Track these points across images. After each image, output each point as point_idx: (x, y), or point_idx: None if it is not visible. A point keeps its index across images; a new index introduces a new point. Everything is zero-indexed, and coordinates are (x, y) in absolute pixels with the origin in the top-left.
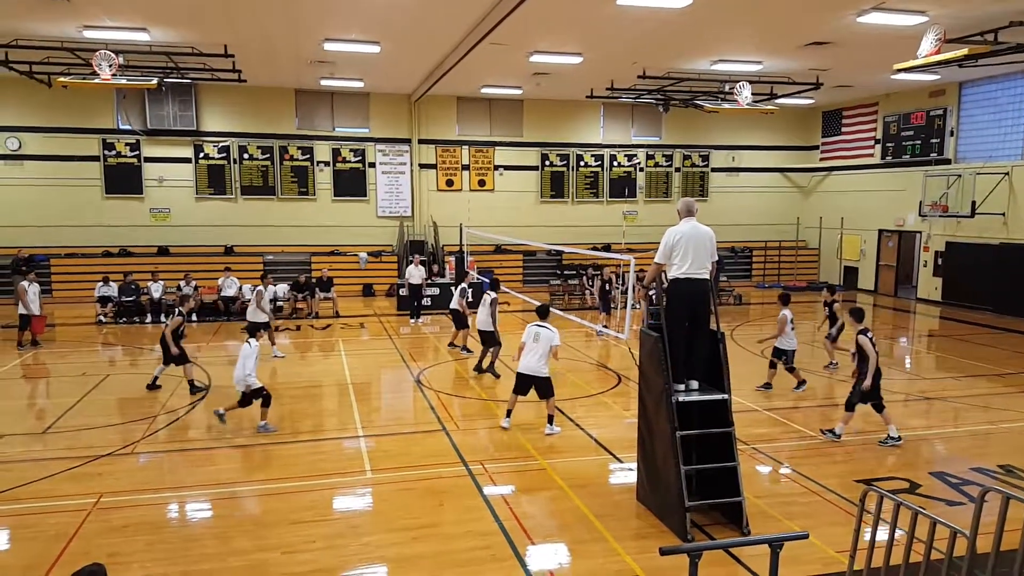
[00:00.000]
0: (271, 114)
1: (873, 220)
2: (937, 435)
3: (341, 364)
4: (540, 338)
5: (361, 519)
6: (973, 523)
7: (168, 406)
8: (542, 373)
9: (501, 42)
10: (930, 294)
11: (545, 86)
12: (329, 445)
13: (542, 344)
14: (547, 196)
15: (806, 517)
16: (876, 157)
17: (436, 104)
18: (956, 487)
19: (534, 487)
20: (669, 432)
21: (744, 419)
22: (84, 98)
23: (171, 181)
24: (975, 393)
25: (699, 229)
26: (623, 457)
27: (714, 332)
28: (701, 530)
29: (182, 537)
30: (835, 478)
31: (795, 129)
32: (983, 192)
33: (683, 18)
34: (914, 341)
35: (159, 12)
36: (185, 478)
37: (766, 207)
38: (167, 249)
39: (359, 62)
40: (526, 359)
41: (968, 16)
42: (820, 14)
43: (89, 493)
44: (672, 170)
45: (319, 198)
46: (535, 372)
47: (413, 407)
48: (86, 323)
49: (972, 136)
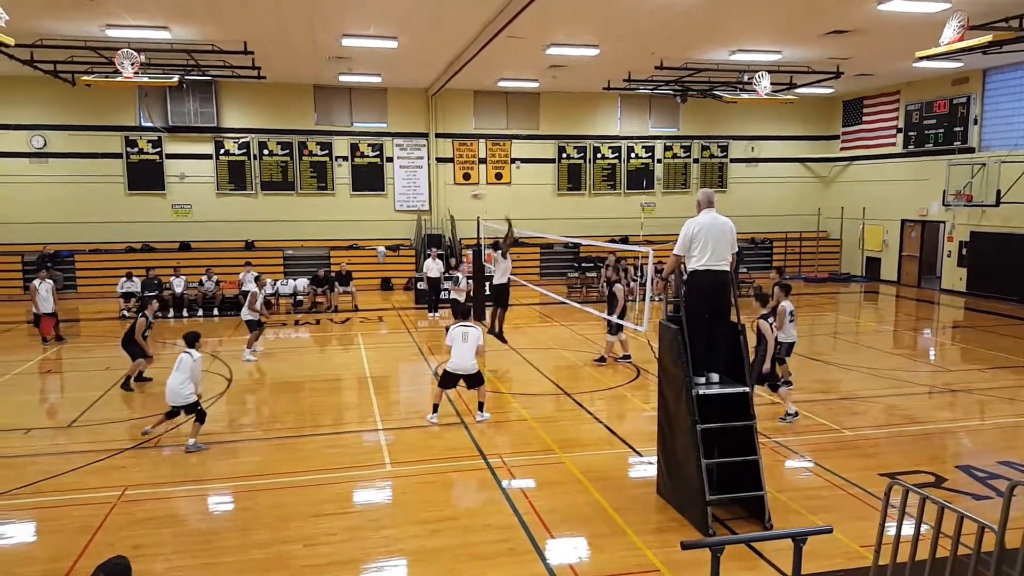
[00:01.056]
0: (290, 110)
1: (896, 210)
2: (963, 428)
3: (360, 358)
4: (469, 338)
5: (381, 512)
6: (1001, 518)
7: None
8: (474, 369)
9: (518, 35)
10: (954, 285)
11: (562, 79)
12: (349, 438)
13: (471, 343)
14: (564, 189)
15: (829, 511)
16: (898, 146)
17: (453, 98)
18: (983, 481)
19: (553, 481)
20: (689, 425)
21: (766, 412)
22: (107, 96)
23: (192, 177)
24: (1002, 385)
25: (719, 220)
26: (642, 451)
27: (734, 324)
28: (722, 524)
29: (205, 530)
30: (859, 472)
31: (815, 119)
32: (1008, 181)
33: (701, 8)
34: (938, 332)
35: (180, 10)
36: (207, 471)
37: (786, 198)
38: (189, 244)
39: (377, 57)
40: (458, 359)
41: (992, 2)
42: (840, 2)
43: (114, 486)
44: (690, 161)
45: (338, 193)
46: (468, 371)
47: (432, 400)
48: (110, 318)
49: (997, 124)
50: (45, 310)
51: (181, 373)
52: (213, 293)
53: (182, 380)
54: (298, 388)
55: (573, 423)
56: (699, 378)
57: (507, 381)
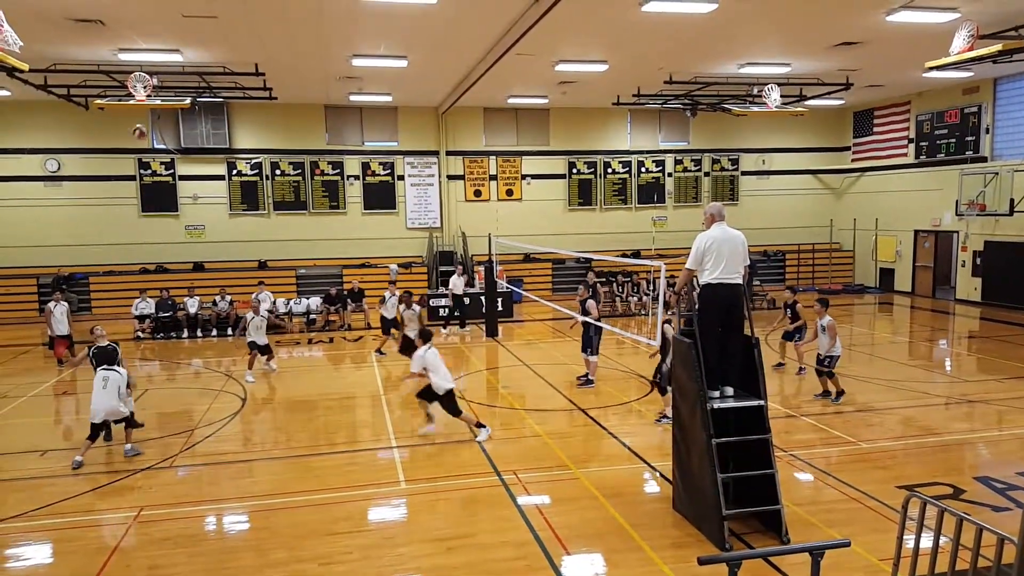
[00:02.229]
0: (302, 130)
1: (908, 220)
2: (981, 439)
3: (374, 375)
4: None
5: (396, 529)
6: (1021, 529)
7: (206, 419)
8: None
9: (527, 52)
10: (969, 295)
11: (571, 94)
12: (363, 456)
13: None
14: (575, 204)
15: (847, 524)
16: (910, 156)
17: (463, 115)
18: (1002, 492)
19: (568, 496)
20: (705, 439)
21: (781, 425)
22: (120, 119)
23: (205, 198)
24: (1019, 395)
25: (730, 233)
26: (657, 465)
27: (748, 337)
28: (739, 539)
29: (220, 549)
30: (876, 484)
31: (826, 130)
32: (1022, 190)
33: (709, 22)
34: (954, 343)
35: (192, 35)
36: (223, 491)
37: (798, 209)
38: (202, 265)
39: (387, 77)
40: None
41: (1001, 11)
42: (849, 14)
43: (130, 507)
44: (701, 174)
45: (349, 211)
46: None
47: (445, 417)
48: (124, 339)
49: (1009, 132)
50: (59, 332)
51: (109, 391)
52: (227, 313)
53: (114, 396)
54: (312, 406)
55: (587, 438)
56: (713, 392)
57: (520, 397)
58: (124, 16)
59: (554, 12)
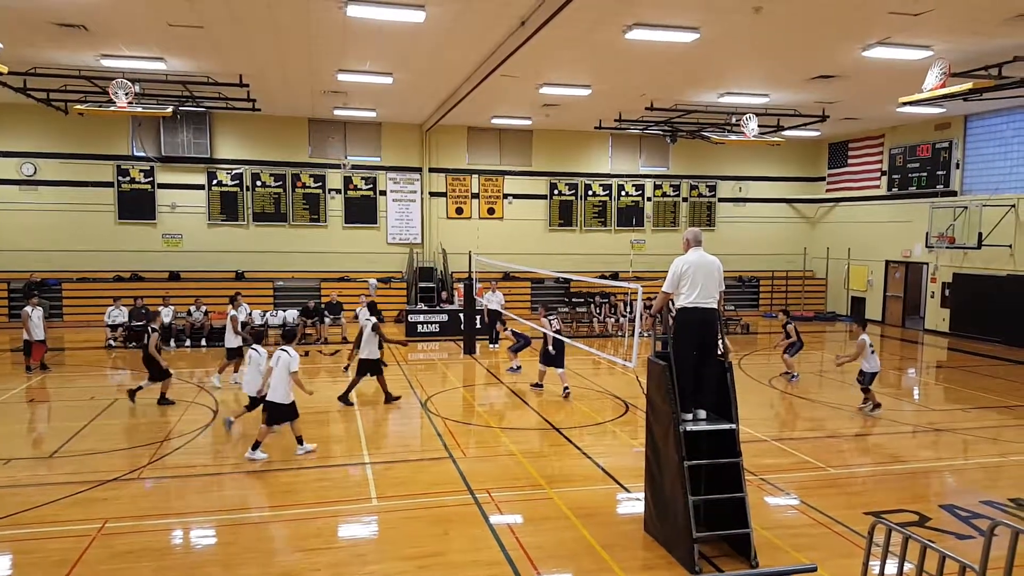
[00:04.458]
0: (284, 142)
1: (880, 251)
2: (947, 467)
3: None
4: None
5: (367, 547)
6: (983, 558)
7: (175, 432)
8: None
9: (512, 74)
10: (938, 325)
11: (554, 117)
12: (335, 472)
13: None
14: (556, 224)
15: (815, 549)
16: (883, 189)
17: (447, 133)
18: (966, 520)
19: (541, 516)
20: (677, 462)
21: (752, 449)
22: (99, 125)
23: (184, 207)
24: (985, 425)
25: (706, 258)
26: (630, 487)
27: (722, 361)
28: (709, 562)
29: (187, 564)
30: (844, 510)
31: (802, 160)
32: (989, 224)
33: (691, 52)
34: (922, 372)
35: (177, 44)
36: (191, 504)
37: (773, 237)
38: (178, 274)
39: (372, 93)
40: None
41: (973, 51)
42: (826, 48)
43: (94, 518)
44: (679, 200)
45: (330, 225)
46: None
47: (420, 434)
48: (96, 347)
49: (978, 168)
50: (37, 337)
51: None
52: (201, 323)
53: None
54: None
55: (561, 458)
56: (686, 414)
57: (496, 415)
58: (108, 22)
59: (539, 36)
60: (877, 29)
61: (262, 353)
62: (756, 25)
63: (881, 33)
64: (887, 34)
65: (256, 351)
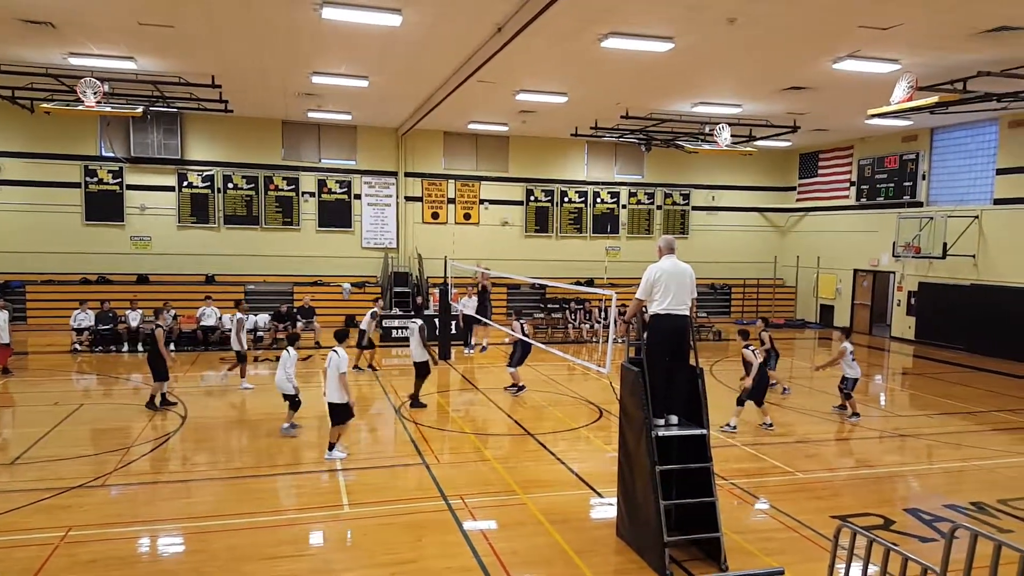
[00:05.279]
0: (257, 144)
1: (848, 260)
2: (912, 472)
3: (321, 395)
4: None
5: (339, 554)
6: (943, 560)
7: (142, 438)
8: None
9: (488, 80)
10: (904, 333)
11: (531, 123)
12: (307, 478)
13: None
14: (531, 230)
15: (783, 553)
16: (851, 199)
17: (423, 138)
18: (929, 523)
19: (514, 522)
20: (649, 467)
21: (722, 454)
22: (67, 124)
23: (153, 209)
24: (948, 431)
25: (679, 266)
26: (603, 492)
27: (693, 367)
28: (680, 566)
29: (153, 572)
30: (813, 514)
31: (773, 170)
32: (954, 234)
33: (666, 61)
34: (889, 379)
35: (149, 43)
36: (158, 511)
37: (745, 245)
38: (147, 277)
39: (347, 96)
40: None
41: (939, 65)
42: (798, 60)
43: (57, 527)
44: (654, 207)
45: (303, 228)
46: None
47: (393, 440)
48: (61, 351)
49: (943, 180)
50: (2, 341)
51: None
52: (170, 327)
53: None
54: (256, 426)
55: (535, 464)
56: (659, 420)
57: (470, 421)
58: (77, 20)
59: (516, 43)
60: (847, 42)
61: (292, 354)
62: (730, 36)
63: (851, 46)
64: (857, 47)
65: (288, 352)
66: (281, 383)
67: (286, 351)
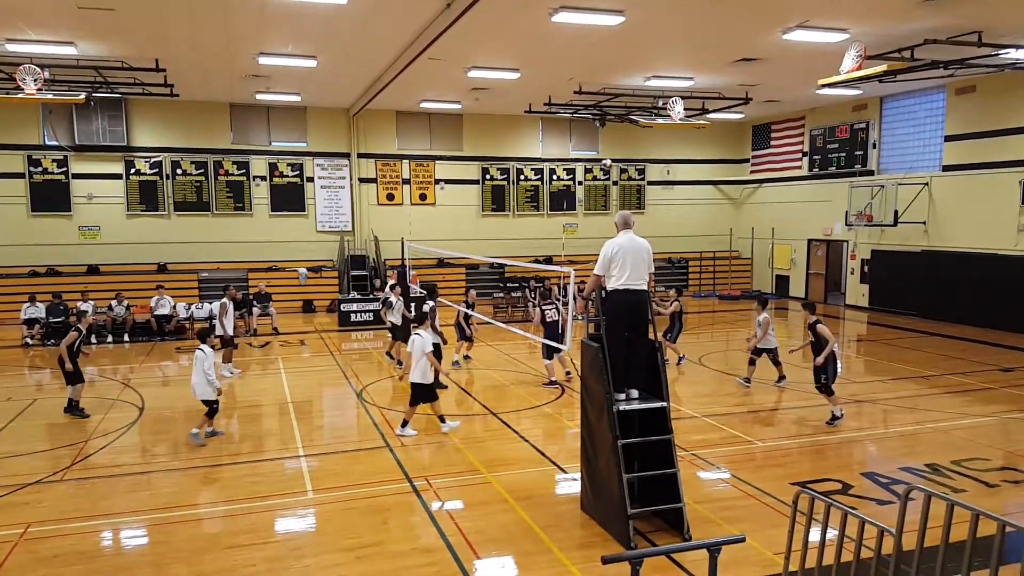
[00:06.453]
0: (205, 129)
1: (802, 230)
2: (868, 436)
3: (280, 382)
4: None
5: (302, 540)
6: (898, 522)
7: (99, 430)
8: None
9: (439, 57)
10: (858, 300)
11: (484, 101)
12: (269, 466)
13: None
14: (488, 210)
15: (745, 521)
16: (804, 169)
17: (375, 118)
18: (886, 487)
19: (479, 501)
20: (611, 441)
21: (683, 426)
22: (7, 113)
23: (101, 198)
24: (903, 395)
25: (636, 241)
26: (567, 467)
27: (652, 341)
28: (644, 537)
29: (116, 566)
30: (772, 481)
31: (726, 143)
32: (904, 202)
33: (617, 35)
34: (844, 346)
35: (87, 27)
36: (118, 504)
37: (700, 219)
38: (97, 268)
39: (295, 76)
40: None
41: (887, 34)
42: (748, 31)
43: (15, 524)
44: (610, 183)
45: (256, 213)
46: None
47: (356, 424)
48: (11, 346)
49: (893, 148)
50: None
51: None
52: (124, 318)
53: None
54: (215, 415)
55: (499, 442)
56: (619, 394)
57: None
58: (12, 4)
59: (465, 18)
60: (796, 12)
61: (207, 352)
62: (679, 8)
63: (800, 16)
64: (806, 17)
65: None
66: (200, 388)
67: (199, 350)
